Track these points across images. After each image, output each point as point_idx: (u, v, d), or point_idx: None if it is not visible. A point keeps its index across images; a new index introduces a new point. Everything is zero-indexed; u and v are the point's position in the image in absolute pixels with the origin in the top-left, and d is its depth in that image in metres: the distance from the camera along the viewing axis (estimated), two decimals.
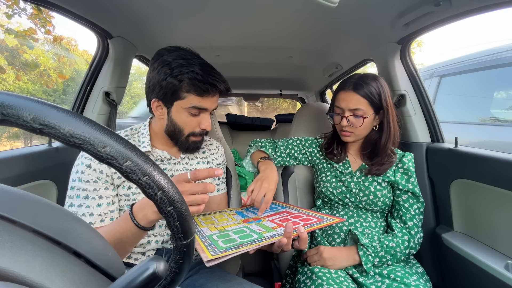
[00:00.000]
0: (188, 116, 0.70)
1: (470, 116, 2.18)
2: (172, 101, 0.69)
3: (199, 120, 0.72)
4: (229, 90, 0.73)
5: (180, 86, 0.67)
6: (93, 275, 0.26)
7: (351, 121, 0.84)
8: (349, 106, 0.83)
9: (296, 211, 0.79)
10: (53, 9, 0.79)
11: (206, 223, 0.71)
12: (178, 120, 0.71)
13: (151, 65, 0.71)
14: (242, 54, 1.38)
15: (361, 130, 0.86)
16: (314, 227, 0.65)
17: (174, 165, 0.78)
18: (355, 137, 0.88)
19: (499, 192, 0.75)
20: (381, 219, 0.89)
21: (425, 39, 10.83)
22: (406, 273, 0.75)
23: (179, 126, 0.71)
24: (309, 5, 0.79)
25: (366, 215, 0.88)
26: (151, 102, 0.70)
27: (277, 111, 7.86)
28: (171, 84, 0.66)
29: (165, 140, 0.76)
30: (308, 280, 0.75)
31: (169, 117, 0.71)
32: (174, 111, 0.70)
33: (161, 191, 0.25)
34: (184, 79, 0.66)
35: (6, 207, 0.24)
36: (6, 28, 2.77)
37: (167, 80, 0.66)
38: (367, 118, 0.83)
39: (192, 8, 0.86)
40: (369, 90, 0.82)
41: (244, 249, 0.53)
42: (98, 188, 0.65)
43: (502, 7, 0.69)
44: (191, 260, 0.31)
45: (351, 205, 0.89)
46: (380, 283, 0.73)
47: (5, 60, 3.15)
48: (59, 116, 0.21)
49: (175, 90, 0.67)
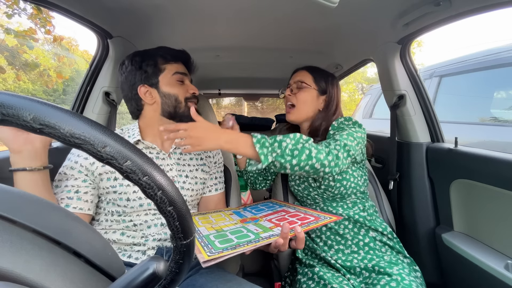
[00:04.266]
0: (176, 84, 0.78)
1: (470, 116, 2.18)
2: (156, 76, 0.76)
3: (186, 87, 0.80)
4: (190, 56, 0.83)
5: (156, 61, 0.76)
6: (93, 275, 0.26)
7: (293, 90, 0.92)
8: (294, 79, 0.93)
9: (293, 210, 0.79)
10: (53, 9, 0.79)
11: (204, 222, 0.71)
12: (170, 90, 0.77)
13: (120, 71, 0.79)
14: (242, 54, 1.38)
15: (302, 104, 0.89)
16: (311, 226, 0.64)
17: (163, 160, 0.78)
18: (297, 113, 0.91)
19: (499, 192, 0.75)
20: (354, 207, 0.86)
21: (425, 39, 10.84)
22: (389, 263, 0.75)
23: (174, 94, 0.77)
24: (309, 5, 0.79)
25: (337, 209, 0.85)
26: (138, 89, 0.75)
27: (277, 111, 7.85)
28: (148, 64, 0.75)
29: (157, 130, 0.78)
30: (311, 282, 0.75)
31: (161, 93, 0.76)
32: (163, 85, 0.76)
33: (161, 191, 0.25)
34: (157, 56, 0.77)
35: (6, 207, 0.24)
36: (6, 28, 2.77)
37: (143, 63, 0.75)
38: (308, 90, 0.89)
39: (192, 8, 0.86)
40: (317, 71, 0.92)
41: (241, 249, 0.53)
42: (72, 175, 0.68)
43: (502, 7, 0.69)
44: (191, 260, 0.31)
45: (319, 198, 0.88)
46: (368, 279, 0.73)
47: (5, 60, 3.15)
48: (59, 116, 0.21)
49: (154, 65, 0.76)
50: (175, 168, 0.79)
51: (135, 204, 0.70)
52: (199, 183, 0.83)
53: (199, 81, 1.98)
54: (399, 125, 1.11)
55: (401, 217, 1.10)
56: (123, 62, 0.78)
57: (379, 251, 0.81)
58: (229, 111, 7.44)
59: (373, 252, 0.81)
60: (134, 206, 0.70)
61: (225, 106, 10.17)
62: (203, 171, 0.85)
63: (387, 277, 0.69)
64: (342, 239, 0.84)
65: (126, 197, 0.70)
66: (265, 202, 0.94)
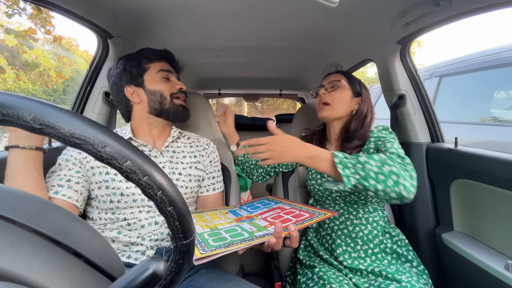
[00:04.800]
0: (160, 80, 0.80)
1: (470, 116, 2.18)
2: (141, 76, 0.78)
3: (172, 83, 0.82)
4: (173, 55, 0.87)
5: (140, 61, 0.79)
6: (93, 275, 0.26)
7: (328, 89, 0.91)
8: (329, 80, 0.92)
9: (289, 207, 0.79)
10: (53, 9, 0.79)
11: (199, 221, 0.71)
12: (155, 87, 0.79)
13: (108, 81, 0.83)
14: (242, 54, 1.38)
15: (337, 102, 0.88)
16: (306, 224, 0.64)
17: (155, 158, 0.78)
18: (331, 110, 0.88)
19: (499, 192, 0.75)
20: (374, 213, 0.86)
21: (425, 39, 10.84)
22: (397, 270, 0.74)
23: (159, 90, 0.79)
24: (309, 5, 0.79)
25: (357, 211, 0.85)
26: (125, 90, 0.78)
27: (277, 111, 7.86)
28: (132, 65, 0.78)
29: (147, 129, 0.81)
30: (310, 281, 0.75)
31: (146, 91, 0.79)
32: (148, 83, 0.79)
33: (161, 191, 0.25)
34: (140, 56, 0.80)
35: (6, 207, 0.24)
36: (6, 28, 2.78)
37: (127, 65, 0.78)
38: (344, 90, 0.89)
39: (192, 8, 0.86)
40: (349, 74, 0.92)
41: (233, 248, 0.53)
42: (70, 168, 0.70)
43: (502, 7, 0.69)
44: (191, 260, 0.31)
45: (340, 199, 0.88)
46: (373, 281, 0.73)
47: (5, 60, 3.15)
48: (59, 116, 0.21)
49: (138, 65, 0.79)
50: (168, 165, 0.79)
51: (129, 199, 0.70)
52: (193, 181, 0.83)
53: (199, 81, 1.98)
54: (399, 125, 1.11)
55: (401, 217, 1.10)
56: (110, 69, 0.82)
57: (387, 260, 0.82)
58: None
59: (379, 263, 0.81)
60: (128, 201, 0.70)
61: None
62: (197, 169, 0.85)
63: (396, 283, 0.69)
64: (352, 241, 0.83)
65: (120, 192, 0.70)
66: (261, 199, 0.93)
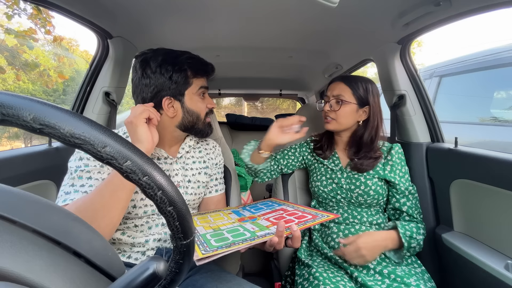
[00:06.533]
0: (199, 100, 0.77)
1: (470, 116, 2.18)
2: (184, 90, 0.73)
3: (206, 102, 0.79)
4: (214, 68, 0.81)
5: (186, 73, 0.73)
6: (93, 275, 0.26)
7: (333, 106, 0.90)
8: (333, 93, 0.90)
9: (292, 208, 0.79)
10: (53, 9, 0.79)
11: (202, 222, 0.71)
12: (194, 107, 0.76)
13: (142, 70, 0.71)
14: (242, 54, 1.38)
15: (342, 118, 0.89)
16: (308, 225, 0.64)
17: (171, 165, 0.78)
18: (337, 125, 0.90)
19: (499, 192, 0.75)
20: (376, 215, 0.89)
21: (425, 39, 10.83)
22: (406, 273, 0.75)
23: (197, 113, 0.76)
24: (309, 5, 0.79)
25: (361, 214, 0.87)
26: (163, 101, 0.71)
27: (277, 111, 7.87)
28: (179, 76, 0.71)
29: (168, 137, 0.77)
30: (306, 282, 0.76)
31: (184, 109, 0.74)
32: (188, 100, 0.74)
33: (161, 191, 0.25)
34: (187, 68, 0.73)
35: (6, 207, 0.24)
36: (6, 28, 2.78)
37: (173, 75, 0.71)
38: (348, 105, 0.88)
39: (192, 8, 0.86)
40: (355, 83, 0.89)
41: (235, 247, 0.53)
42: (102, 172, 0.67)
43: (502, 7, 0.69)
44: (191, 260, 0.31)
45: (344, 202, 0.90)
46: (380, 282, 0.73)
47: (5, 60, 3.15)
48: (59, 116, 0.21)
49: (185, 79, 0.73)
50: (181, 173, 0.79)
51: (140, 211, 0.71)
52: (201, 187, 0.83)
53: None
54: (399, 125, 1.11)
55: None
56: (148, 63, 0.70)
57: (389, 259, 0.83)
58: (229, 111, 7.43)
59: (386, 263, 0.81)
60: (139, 213, 0.71)
61: (225, 106, 10.16)
62: (206, 174, 0.85)
63: (404, 286, 0.70)
64: None
65: (133, 204, 0.70)
66: (264, 201, 0.94)
